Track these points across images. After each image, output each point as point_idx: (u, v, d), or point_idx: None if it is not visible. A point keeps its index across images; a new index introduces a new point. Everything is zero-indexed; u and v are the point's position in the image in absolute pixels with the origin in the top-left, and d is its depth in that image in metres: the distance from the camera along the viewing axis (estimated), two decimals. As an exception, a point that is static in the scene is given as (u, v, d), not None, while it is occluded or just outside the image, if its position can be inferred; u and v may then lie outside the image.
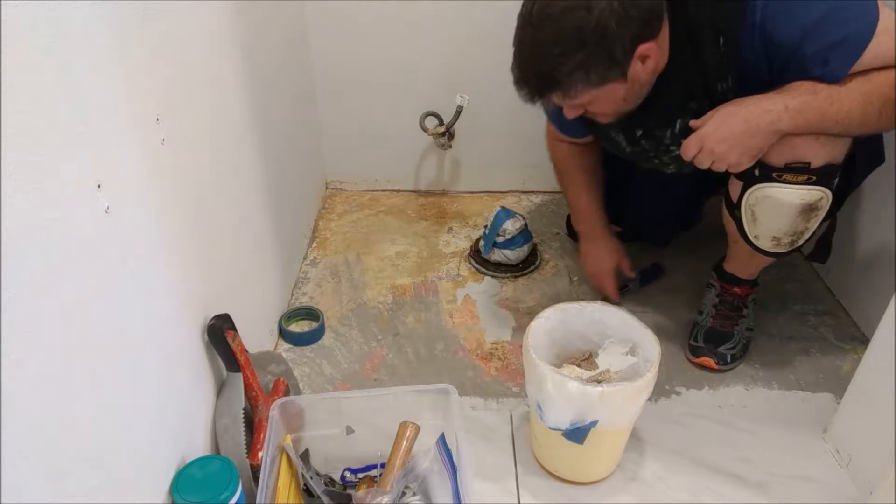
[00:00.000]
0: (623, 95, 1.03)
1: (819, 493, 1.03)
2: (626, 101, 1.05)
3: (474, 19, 1.60)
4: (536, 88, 1.02)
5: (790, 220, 1.04)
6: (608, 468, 1.05)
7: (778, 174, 1.01)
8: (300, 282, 1.51)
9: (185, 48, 0.88)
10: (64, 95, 0.60)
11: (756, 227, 1.08)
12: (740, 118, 0.98)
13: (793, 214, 1.03)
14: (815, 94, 0.96)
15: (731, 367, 1.26)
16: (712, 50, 1.01)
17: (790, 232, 1.06)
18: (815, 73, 0.95)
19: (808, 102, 0.96)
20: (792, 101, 0.96)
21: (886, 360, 0.97)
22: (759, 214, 1.06)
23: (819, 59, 0.95)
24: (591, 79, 0.98)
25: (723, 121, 1.00)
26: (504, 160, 1.82)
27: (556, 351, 1.06)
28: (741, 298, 1.29)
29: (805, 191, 1.01)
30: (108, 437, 0.69)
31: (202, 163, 0.94)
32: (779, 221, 1.05)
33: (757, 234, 1.09)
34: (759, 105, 0.98)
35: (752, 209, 1.07)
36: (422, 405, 0.99)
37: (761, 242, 1.09)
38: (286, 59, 1.46)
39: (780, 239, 1.07)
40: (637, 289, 1.45)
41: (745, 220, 1.09)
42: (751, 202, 1.06)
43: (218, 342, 0.95)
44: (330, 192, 1.87)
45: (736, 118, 0.99)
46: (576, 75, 0.97)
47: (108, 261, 0.68)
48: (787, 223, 1.05)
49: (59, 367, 0.60)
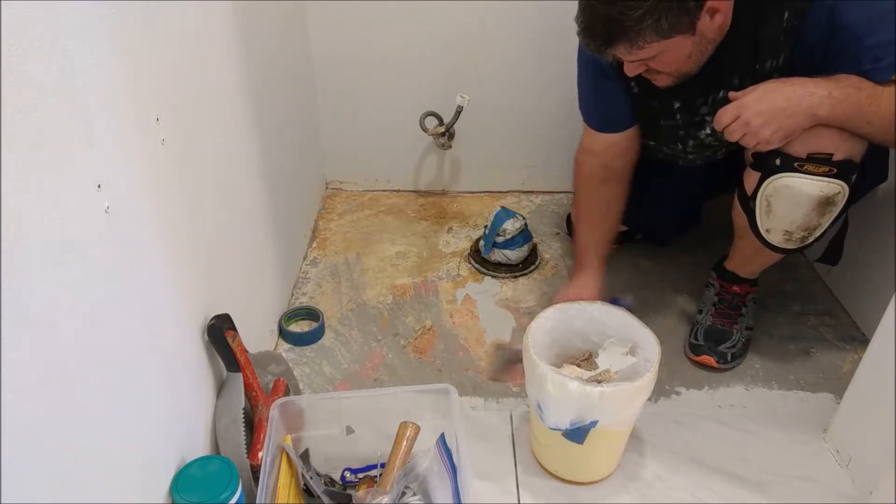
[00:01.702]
0: (689, 51, 1.01)
1: (819, 493, 1.03)
2: (691, 57, 1.02)
3: (474, 19, 1.60)
4: (604, 37, 0.98)
5: (806, 212, 1.04)
6: (608, 468, 1.05)
7: (800, 164, 1.01)
8: (300, 282, 1.51)
9: (186, 49, 0.88)
10: (64, 95, 0.60)
11: (770, 220, 1.08)
12: (782, 95, 0.98)
13: (810, 206, 1.03)
14: (859, 90, 0.96)
15: (732, 366, 1.26)
16: (775, 23, 1.00)
17: (803, 226, 1.06)
18: (866, 66, 0.96)
19: (851, 95, 0.96)
20: (837, 89, 0.96)
21: (886, 360, 0.97)
22: (776, 205, 1.06)
23: (873, 54, 0.95)
24: (660, 27, 0.95)
25: (764, 94, 0.99)
26: (504, 160, 1.82)
27: (556, 351, 1.06)
28: (740, 297, 1.29)
29: (825, 182, 1.01)
30: (108, 437, 0.69)
31: (202, 163, 0.94)
32: (795, 213, 1.05)
33: (769, 228, 1.09)
34: (804, 86, 0.98)
35: (768, 200, 1.06)
36: (422, 405, 0.99)
37: (772, 237, 1.09)
38: (286, 59, 1.46)
39: (791, 234, 1.07)
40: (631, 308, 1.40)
41: (759, 211, 1.08)
42: (768, 192, 1.06)
43: (218, 342, 0.95)
44: (330, 192, 1.87)
45: (778, 95, 0.98)
46: (646, 22, 0.94)
47: (108, 261, 0.68)
48: (802, 216, 1.04)
49: (58, 367, 0.60)
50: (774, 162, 1.03)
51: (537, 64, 1.65)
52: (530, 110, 1.73)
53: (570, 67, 1.32)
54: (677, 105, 1.15)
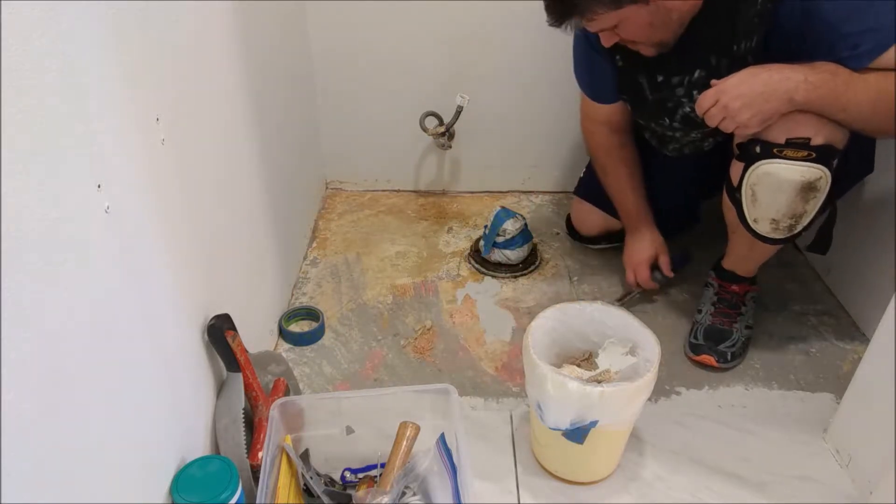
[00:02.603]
0: (648, 20, 1.04)
1: (819, 493, 1.03)
2: (654, 25, 1.05)
3: (474, 19, 1.60)
4: (558, 12, 1.05)
5: (790, 198, 1.05)
6: (608, 468, 1.05)
7: (779, 150, 1.02)
8: (300, 282, 1.51)
9: (186, 49, 0.88)
10: (64, 95, 0.60)
11: (756, 209, 1.09)
12: (760, 80, 1.01)
13: (792, 192, 1.04)
14: (835, 76, 0.98)
15: (732, 366, 1.27)
16: (750, 4, 1.03)
17: (789, 213, 1.06)
18: (843, 53, 0.98)
19: (827, 81, 0.98)
20: (813, 75, 0.98)
21: (886, 360, 0.97)
22: (760, 193, 1.07)
23: (851, 42, 0.97)
24: (604, 1, 1.00)
25: (744, 79, 1.02)
26: (504, 160, 1.82)
27: (556, 351, 1.06)
28: (739, 296, 1.30)
29: (805, 167, 1.02)
30: (108, 437, 0.69)
31: (202, 163, 0.94)
32: (779, 200, 1.06)
33: (756, 217, 1.10)
34: (780, 71, 1.00)
35: (752, 188, 1.07)
36: (422, 405, 0.99)
37: (760, 226, 1.10)
38: (286, 59, 1.46)
39: (778, 222, 1.08)
40: (664, 280, 1.42)
41: (745, 201, 1.09)
42: (752, 181, 1.07)
43: (218, 342, 0.95)
44: (330, 192, 1.87)
45: (757, 80, 1.01)
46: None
47: (108, 261, 0.68)
48: (786, 202, 1.05)
49: (58, 367, 0.60)
50: (755, 150, 1.05)
51: (537, 64, 1.65)
52: (530, 110, 1.73)
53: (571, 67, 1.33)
54: (660, 78, 1.18)
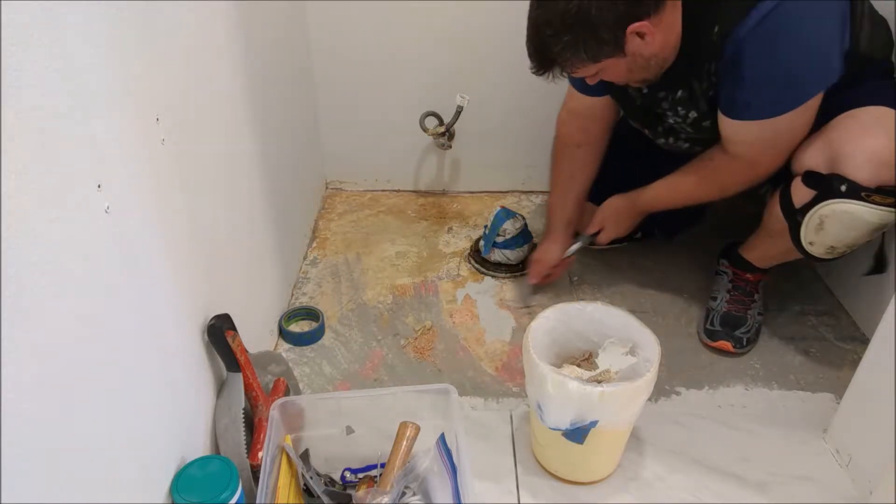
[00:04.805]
0: (626, 68, 1.08)
1: (819, 493, 1.03)
2: (632, 72, 1.10)
3: (474, 19, 1.60)
4: (539, 63, 1.10)
5: (860, 235, 1.06)
6: (608, 468, 1.05)
7: (867, 194, 1.02)
8: (300, 282, 1.51)
9: (186, 48, 0.88)
10: (64, 95, 0.60)
11: (818, 236, 1.09)
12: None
13: (866, 231, 1.05)
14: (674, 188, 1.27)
15: (746, 350, 1.29)
16: (707, 36, 1.06)
17: (851, 245, 1.08)
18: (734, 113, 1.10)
19: (660, 195, 1.28)
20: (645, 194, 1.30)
21: (886, 360, 0.97)
22: (830, 226, 1.07)
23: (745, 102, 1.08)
24: (583, 57, 1.05)
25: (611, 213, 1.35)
26: (504, 160, 1.82)
27: (556, 351, 1.06)
28: (753, 284, 1.33)
29: (887, 212, 1.03)
30: (108, 437, 0.69)
31: (202, 163, 0.94)
32: (848, 235, 1.07)
33: (814, 241, 1.10)
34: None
35: (822, 219, 1.07)
36: (422, 405, 0.99)
37: (815, 249, 1.11)
38: (286, 59, 1.46)
39: (835, 248, 1.09)
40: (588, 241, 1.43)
41: (806, 226, 1.09)
42: (824, 213, 1.06)
43: (218, 342, 0.95)
44: (330, 192, 1.87)
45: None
46: (566, 54, 1.05)
47: (108, 261, 0.68)
48: (854, 238, 1.07)
49: (58, 367, 0.60)
50: (839, 187, 1.04)
51: (537, 64, 1.65)
52: (530, 110, 1.73)
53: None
54: (646, 91, 1.21)
